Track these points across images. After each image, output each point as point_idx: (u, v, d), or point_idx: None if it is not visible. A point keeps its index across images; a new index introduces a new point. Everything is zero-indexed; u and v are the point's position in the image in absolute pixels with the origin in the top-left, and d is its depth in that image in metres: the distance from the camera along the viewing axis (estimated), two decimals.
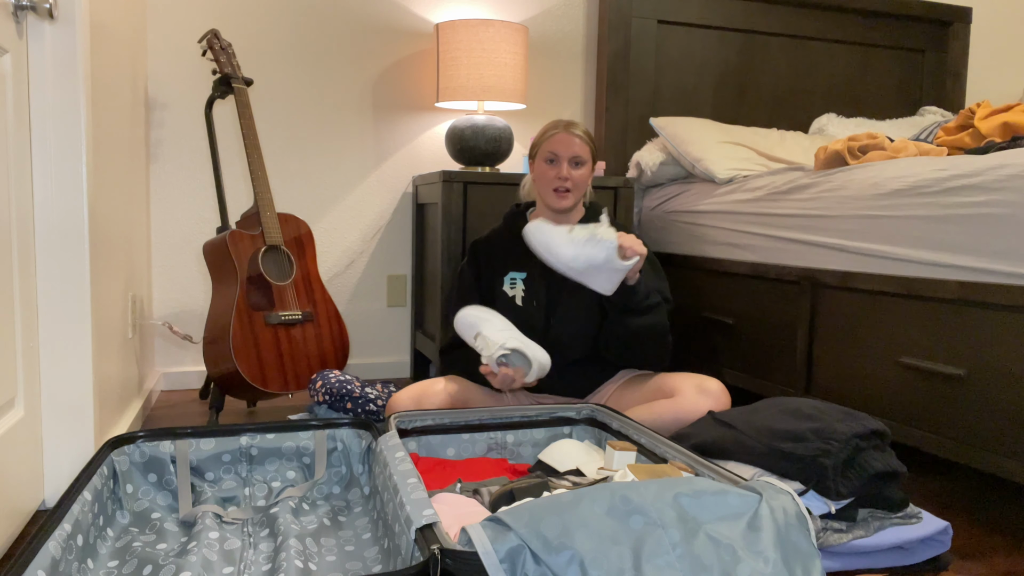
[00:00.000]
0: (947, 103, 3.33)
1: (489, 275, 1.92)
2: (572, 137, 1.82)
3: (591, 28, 2.94)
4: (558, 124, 1.85)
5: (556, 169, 1.82)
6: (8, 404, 1.32)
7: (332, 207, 2.70)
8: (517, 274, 1.89)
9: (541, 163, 1.85)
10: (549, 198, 1.84)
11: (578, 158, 1.82)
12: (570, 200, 1.83)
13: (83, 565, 1.11)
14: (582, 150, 1.82)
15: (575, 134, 1.82)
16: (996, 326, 1.49)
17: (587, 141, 1.84)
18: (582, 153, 1.82)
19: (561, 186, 1.81)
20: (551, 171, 1.83)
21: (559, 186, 1.82)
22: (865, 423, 1.33)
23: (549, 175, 1.83)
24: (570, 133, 1.82)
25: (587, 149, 1.83)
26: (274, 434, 1.47)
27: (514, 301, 1.87)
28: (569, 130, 1.83)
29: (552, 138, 1.83)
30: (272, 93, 2.60)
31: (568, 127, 1.83)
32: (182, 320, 2.56)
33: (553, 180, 1.82)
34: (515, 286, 1.88)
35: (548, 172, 1.83)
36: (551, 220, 1.86)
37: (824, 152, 2.08)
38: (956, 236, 1.60)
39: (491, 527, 0.93)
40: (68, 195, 1.48)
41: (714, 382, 1.70)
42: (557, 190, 1.82)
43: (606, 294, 1.68)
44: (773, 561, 0.96)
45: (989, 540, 1.46)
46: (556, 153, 1.82)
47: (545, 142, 1.85)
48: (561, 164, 1.82)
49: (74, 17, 1.45)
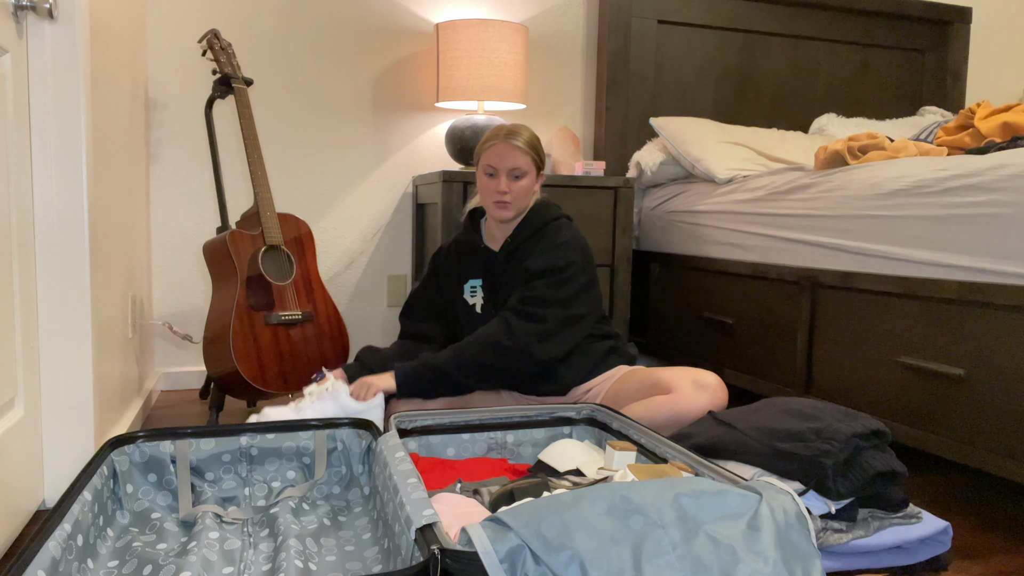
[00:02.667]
0: (947, 103, 3.33)
1: (448, 284, 1.93)
2: (511, 149, 1.75)
3: (591, 28, 2.94)
4: (499, 133, 1.77)
5: (495, 182, 1.76)
6: (8, 404, 1.32)
7: (332, 207, 2.70)
8: (475, 281, 1.88)
9: (481, 175, 1.79)
10: (491, 210, 1.80)
11: (517, 170, 1.75)
12: (510, 212, 1.78)
13: (83, 565, 1.11)
14: (522, 161, 1.75)
15: (515, 145, 1.75)
16: (996, 326, 1.49)
17: (528, 150, 1.76)
18: (522, 164, 1.75)
19: (501, 199, 1.77)
20: (491, 184, 1.77)
21: (499, 199, 1.77)
22: (865, 423, 1.33)
23: (489, 187, 1.78)
24: (509, 144, 1.75)
25: (527, 159, 1.76)
26: (274, 434, 1.47)
27: (474, 309, 1.88)
28: (509, 140, 1.75)
29: (490, 149, 1.77)
30: (272, 93, 2.60)
31: (508, 136, 1.76)
32: (182, 320, 2.56)
33: (493, 193, 1.77)
34: (475, 294, 1.88)
35: (488, 185, 1.78)
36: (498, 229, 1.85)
37: (824, 152, 2.08)
38: (956, 236, 1.60)
39: (491, 527, 0.94)
40: (68, 195, 1.48)
41: (710, 376, 1.69)
42: (498, 203, 1.78)
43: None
44: (773, 561, 0.96)
45: (989, 540, 1.46)
46: (494, 166, 1.76)
47: (484, 153, 1.78)
48: (500, 177, 1.75)
49: (74, 17, 1.45)
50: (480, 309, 1.88)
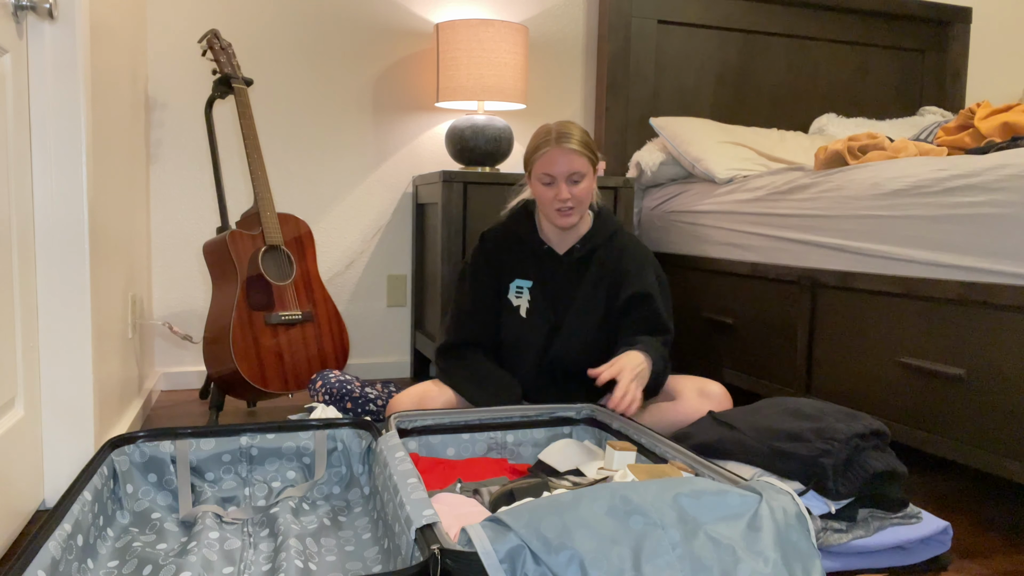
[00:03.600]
0: (947, 103, 3.33)
1: (497, 275, 1.79)
2: (565, 153, 1.65)
3: (591, 28, 2.94)
4: (549, 137, 1.67)
5: (555, 190, 1.66)
6: (8, 404, 1.32)
7: (332, 207, 2.70)
8: (523, 282, 1.76)
9: (537, 184, 1.69)
10: (554, 219, 1.70)
11: (576, 174, 1.66)
12: (575, 217, 1.69)
13: (83, 565, 1.11)
14: (579, 164, 1.65)
15: (569, 148, 1.64)
16: (996, 326, 1.49)
17: (583, 151, 1.66)
18: (580, 167, 1.66)
19: (563, 207, 1.67)
20: (549, 192, 1.67)
21: (560, 207, 1.67)
22: (866, 423, 1.33)
23: (548, 196, 1.68)
24: (562, 147, 1.64)
25: (583, 160, 1.66)
26: (274, 434, 1.47)
27: (518, 312, 1.77)
28: (561, 144, 1.65)
29: (544, 157, 1.66)
30: (272, 93, 2.60)
31: (560, 140, 1.65)
32: (182, 320, 2.56)
33: (553, 202, 1.67)
34: (521, 295, 1.76)
35: (547, 193, 1.68)
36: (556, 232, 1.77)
37: (824, 152, 2.08)
38: (956, 236, 1.60)
39: (491, 527, 0.93)
40: (68, 195, 1.48)
41: (716, 385, 1.70)
42: (560, 210, 1.68)
43: None
44: (773, 561, 0.96)
45: (989, 540, 1.46)
46: (551, 174, 1.66)
47: (537, 161, 1.68)
48: (559, 184, 1.66)
49: (74, 17, 1.45)
50: (525, 313, 1.75)
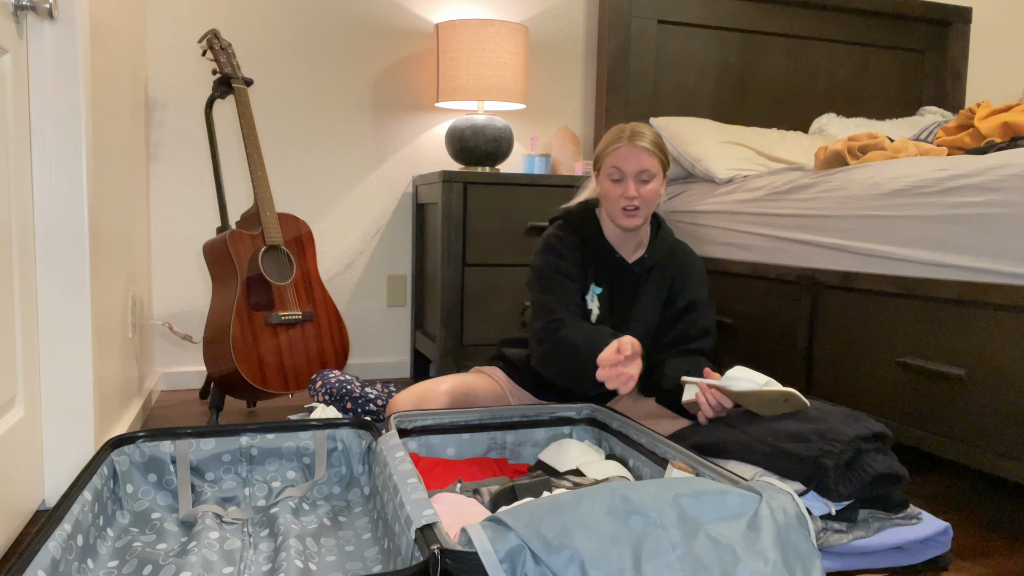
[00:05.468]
0: (947, 103, 3.33)
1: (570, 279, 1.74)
2: (638, 150, 1.63)
3: (591, 28, 2.94)
4: (622, 135, 1.66)
5: (622, 187, 1.65)
6: (8, 404, 1.32)
7: (332, 207, 2.70)
8: (598, 289, 1.74)
9: (605, 180, 1.68)
10: (618, 218, 1.68)
11: (645, 173, 1.64)
12: (639, 219, 1.67)
13: (83, 565, 1.11)
14: (649, 163, 1.64)
15: (641, 146, 1.63)
16: (996, 326, 1.49)
17: (655, 151, 1.65)
18: (650, 166, 1.64)
19: (629, 205, 1.65)
20: (617, 189, 1.65)
21: (627, 205, 1.65)
22: (868, 425, 1.33)
23: (615, 193, 1.66)
24: (635, 145, 1.63)
25: (655, 161, 1.65)
26: (274, 434, 1.47)
27: (589, 318, 1.74)
28: (634, 142, 1.64)
29: (615, 152, 1.65)
30: (272, 93, 2.60)
31: (633, 138, 1.64)
32: (182, 320, 2.56)
33: (620, 199, 1.65)
34: (593, 301, 1.74)
35: (614, 191, 1.66)
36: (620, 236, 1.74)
37: (824, 152, 2.08)
38: (956, 236, 1.60)
39: (491, 527, 0.93)
40: (68, 195, 1.48)
41: None
42: (626, 209, 1.65)
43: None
44: (773, 561, 0.96)
45: (989, 540, 1.46)
46: (621, 169, 1.64)
47: (608, 156, 1.67)
48: (628, 182, 1.64)
49: (74, 17, 1.45)
50: (595, 319, 1.73)
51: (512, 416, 1.62)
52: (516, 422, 1.62)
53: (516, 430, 1.62)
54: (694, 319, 1.74)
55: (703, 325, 1.74)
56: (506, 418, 1.62)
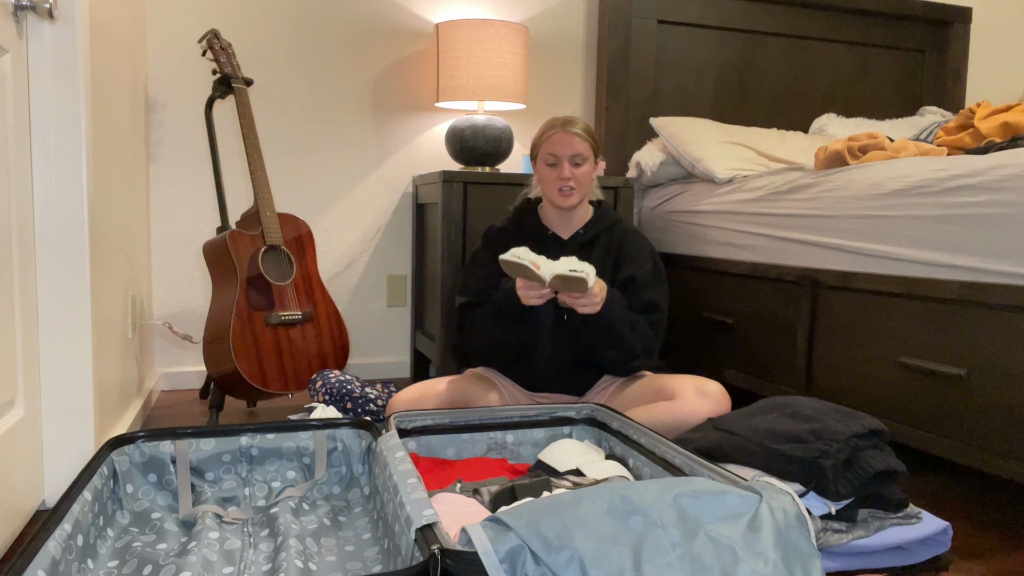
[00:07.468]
0: (947, 103, 3.33)
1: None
2: (570, 136, 1.80)
3: (591, 28, 2.94)
4: (555, 123, 1.84)
5: (558, 171, 1.82)
6: (8, 404, 1.32)
7: (332, 207, 2.70)
8: None
9: (542, 165, 1.85)
10: (555, 198, 1.84)
11: (578, 157, 1.81)
12: (575, 198, 1.83)
13: (83, 565, 1.11)
14: (582, 147, 1.81)
15: (573, 132, 1.81)
16: (996, 326, 1.49)
17: (586, 137, 1.82)
18: (582, 151, 1.81)
19: (564, 186, 1.82)
20: (553, 173, 1.83)
21: (563, 186, 1.82)
22: (864, 422, 1.33)
23: (551, 176, 1.83)
24: (568, 132, 1.81)
25: (587, 146, 1.82)
26: (274, 434, 1.47)
27: None
28: (567, 128, 1.81)
29: (550, 139, 1.83)
30: (272, 93, 2.60)
31: (566, 125, 1.82)
32: (182, 320, 2.56)
33: (556, 181, 1.82)
34: None
35: (551, 174, 1.83)
36: (558, 217, 1.90)
37: (824, 152, 2.08)
38: (956, 236, 1.60)
39: (491, 527, 0.93)
40: (68, 195, 1.48)
41: (714, 384, 1.70)
42: (561, 190, 1.82)
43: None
44: (773, 561, 0.96)
45: (989, 540, 1.46)
46: (556, 154, 1.81)
47: (544, 143, 1.84)
48: (562, 165, 1.81)
49: (74, 17, 1.45)
50: None
51: (512, 416, 1.62)
52: (516, 422, 1.62)
53: (516, 430, 1.62)
54: (635, 293, 1.84)
55: (646, 298, 1.84)
56: (506, 418, 1.62)
